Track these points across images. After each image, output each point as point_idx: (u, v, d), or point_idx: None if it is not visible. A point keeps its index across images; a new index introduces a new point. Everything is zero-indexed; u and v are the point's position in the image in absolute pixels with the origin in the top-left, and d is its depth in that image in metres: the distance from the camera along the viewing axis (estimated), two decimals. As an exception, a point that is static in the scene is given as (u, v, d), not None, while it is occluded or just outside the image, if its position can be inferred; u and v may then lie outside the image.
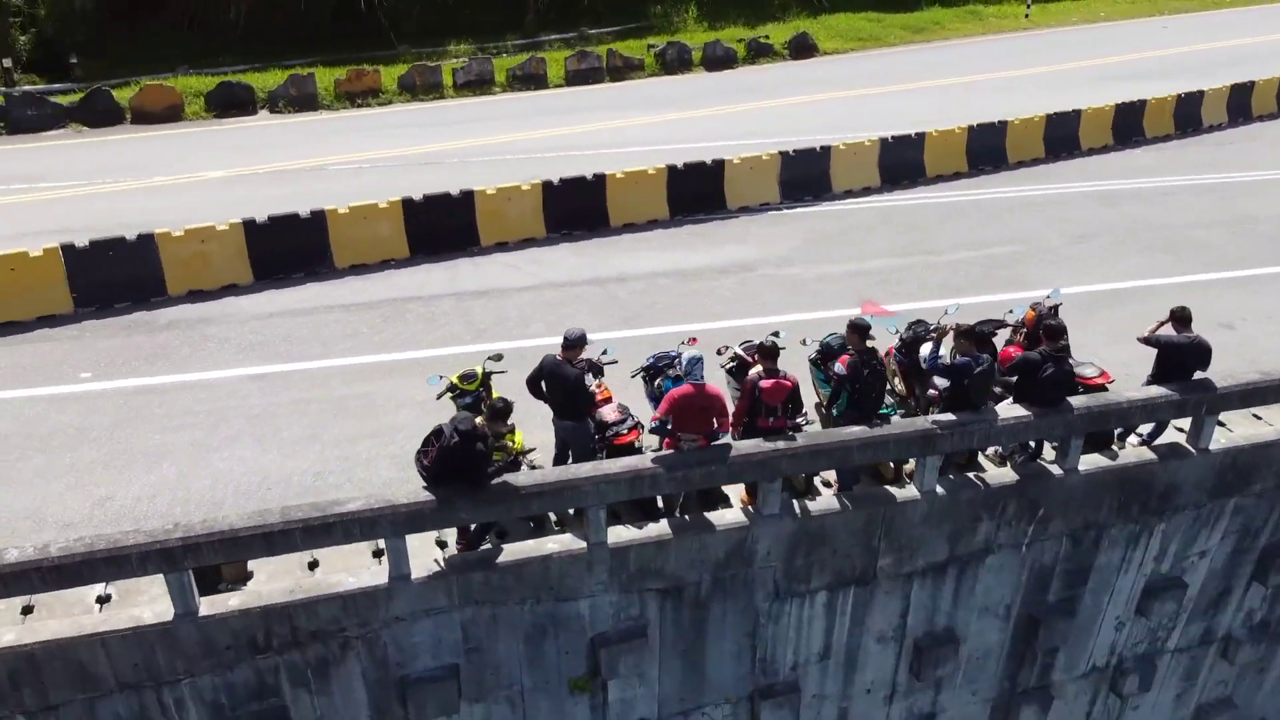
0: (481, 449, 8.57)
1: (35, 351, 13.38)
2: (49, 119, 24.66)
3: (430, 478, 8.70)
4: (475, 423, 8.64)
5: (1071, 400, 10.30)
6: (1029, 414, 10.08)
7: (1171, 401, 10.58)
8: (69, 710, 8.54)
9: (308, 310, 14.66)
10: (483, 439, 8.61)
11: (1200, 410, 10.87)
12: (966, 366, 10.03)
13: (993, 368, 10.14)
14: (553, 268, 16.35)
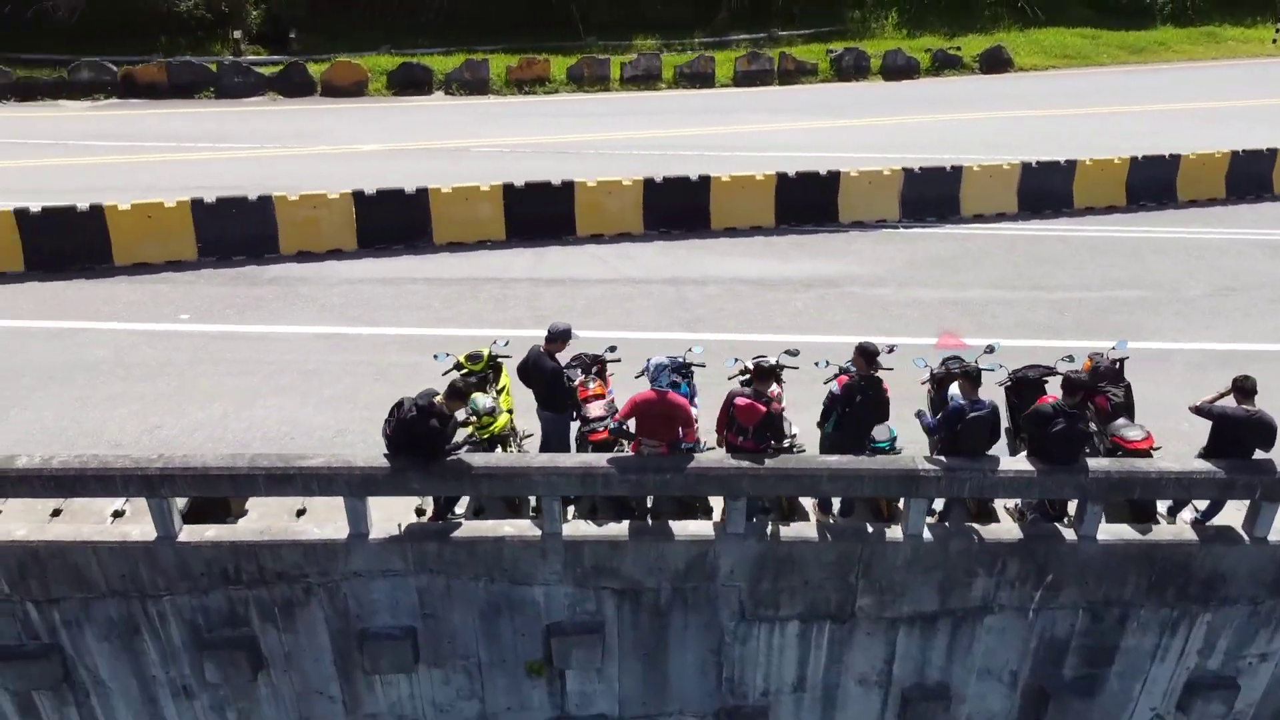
0: (436, 425, 8.91)
1: (153, 291, 15.04)
2: (252, 87, 27.40)
3: (390, 446, 9.14)
4: (434, 400, 9.00)
5: (1091, 462, 9.40)
6: (1032, 469, 9.29)
7: (1215, 480, 9.41)
8: (68, 605, 9.65)
9: (393, 280, 15.60)
10: (439, 416, 8.94)
11: (1254, 494, 9.60)
12: (957, 412, 9.39)
13: (994, 415, 9.41)
14: (637, 264, 16.51)
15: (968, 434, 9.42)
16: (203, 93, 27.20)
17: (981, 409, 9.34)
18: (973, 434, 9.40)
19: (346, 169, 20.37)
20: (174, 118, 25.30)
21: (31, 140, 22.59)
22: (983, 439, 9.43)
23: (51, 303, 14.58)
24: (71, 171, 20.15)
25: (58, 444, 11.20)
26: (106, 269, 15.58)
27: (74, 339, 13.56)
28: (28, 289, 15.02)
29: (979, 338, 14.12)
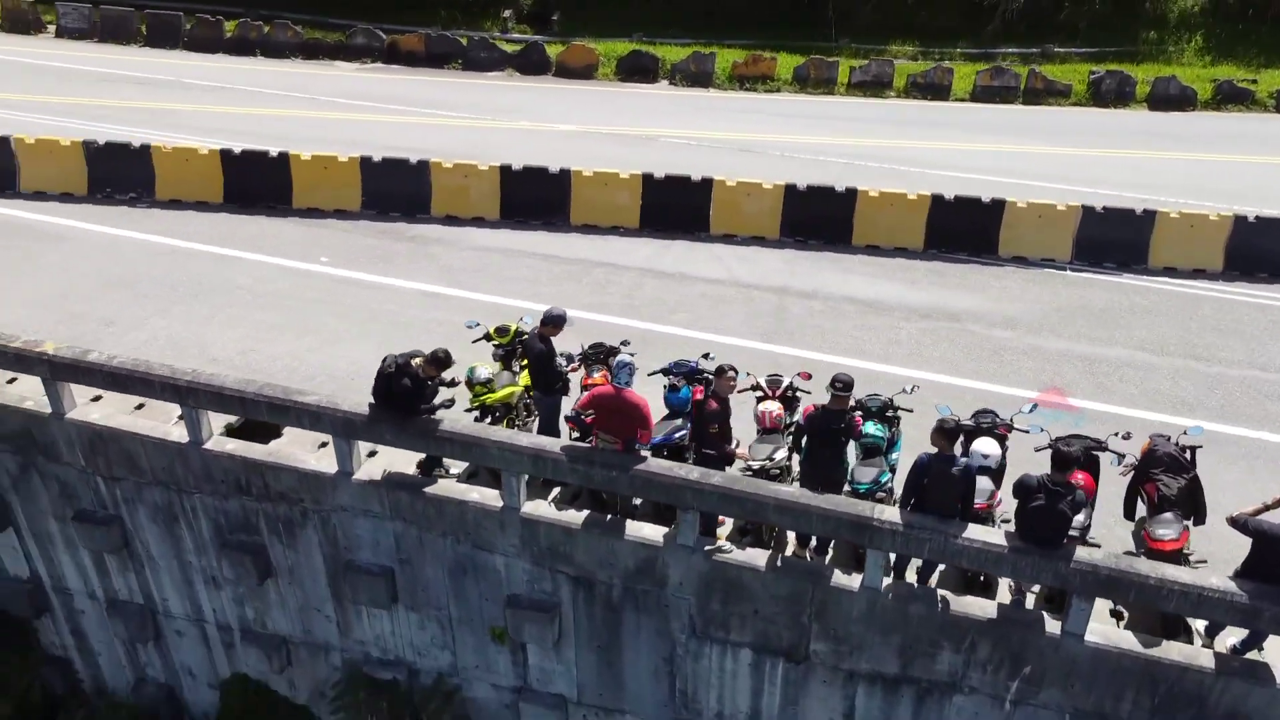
0: (407, 385, 9.49)
1: (310, 234, 16.87)
2: (495, 62, 29.49)
3: (374, 397, 9.84)
4: (413, 361, 9.57)
5: (1082, 550, 8.30)
6: (1003, 544, 8.35)
7: (1233, 603, 8.00)
8: (126, 485, 11.26)
9: (514, 251, 16.43)
10: (412, 377, 9.51)
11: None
12: (923, 465, 8.60)
13: (966, 475, 8.53)
14: (753, 268, 16.24)
15: (934, 491, 8.63)
16: (452, 64, 29.68)
17: (953, 466, 8.52)
18: (939, 492, 8.60)
19: (533, 144, 21.55)
20: (417, 84, 27.83)
21: (294, 93, 25.77)
22: (950, 499, 8.59)
23: (226, 231, 16.79)
24: (312, 123, 22.83)
25: (172, 350, 13.00)
26: (284, 209, 17.66)
27: (228, 265, 15.58)
28: (219, 218, 17.38)
29: (1093, 401, 12.74)
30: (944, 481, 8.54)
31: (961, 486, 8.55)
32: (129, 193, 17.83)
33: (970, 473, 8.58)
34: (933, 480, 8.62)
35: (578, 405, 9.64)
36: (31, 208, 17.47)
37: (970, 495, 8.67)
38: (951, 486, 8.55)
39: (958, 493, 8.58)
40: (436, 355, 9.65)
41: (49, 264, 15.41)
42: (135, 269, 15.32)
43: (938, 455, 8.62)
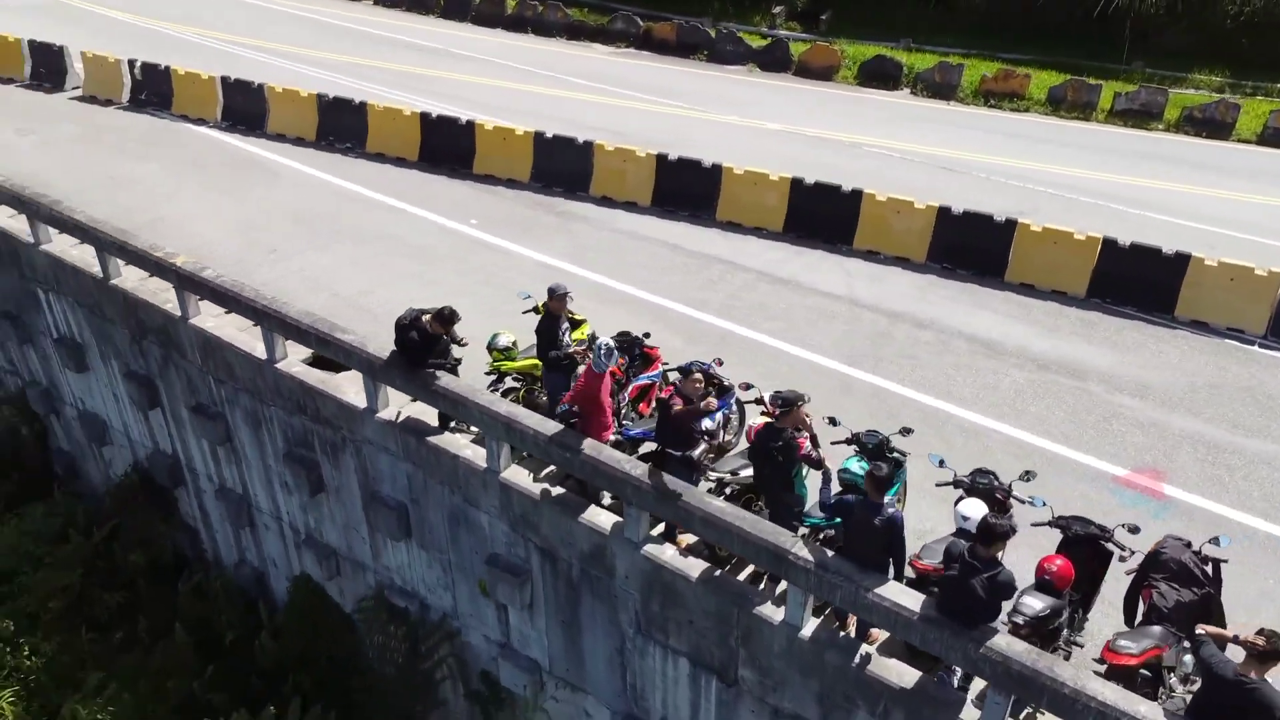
0: (415, 338, 10.25)
1: (474, 198, 18.21)
2: (738, 56, 29.65)
3: (395, 344, 10.69)
4: (422, 318, 10.31)
5: (1000, 639, 7.45)
6: (913, 609, 7.68)
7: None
8: (228, 387, 13.04)
9: (650, 239, 16.76)
10: (420, 331, 10.25)
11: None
12: (845, 506, 8.06)
13: (888, 526, 7.89)
14: (877, 288, 15.44)
15: (855, 537, 8.09)
16: (698, 55, 30.19)
17: (877, 515, 7.92)
18: (860, 539, 8.04)
19: (729, 138, 21.70)
20: (653, 71, 28.67)
21: (540, 70, 27.52)
22: (872, 548, 8.00)
23: (407, 186, 18.52)
24: (539, 99, 24.38)
25: (307, 282, 14.75)
26: (465, 173, 19.16)
27: (394, 216, 17.27)
28: (408, 174, 19.24)
29: (1195, 495, 11.12)
30: (865, 530, 7.99)
31: (883, 538, 7.95)
32: (346, 143, 20.17)
33: (894, 525, 7.94)
34: (854, 526, 8.10)
35: (567, 397, 9.93)
36: (268, 147, 20.28)
37: (897, 548, 8.03)
38: (872, 536, 7.97)
39: (879, 544, 7.98)
40: (442, 313, 10.32)
41: (258, 195, 17.90)
42: (319, 209, 17.41)
43: (863, 501, 8.08)
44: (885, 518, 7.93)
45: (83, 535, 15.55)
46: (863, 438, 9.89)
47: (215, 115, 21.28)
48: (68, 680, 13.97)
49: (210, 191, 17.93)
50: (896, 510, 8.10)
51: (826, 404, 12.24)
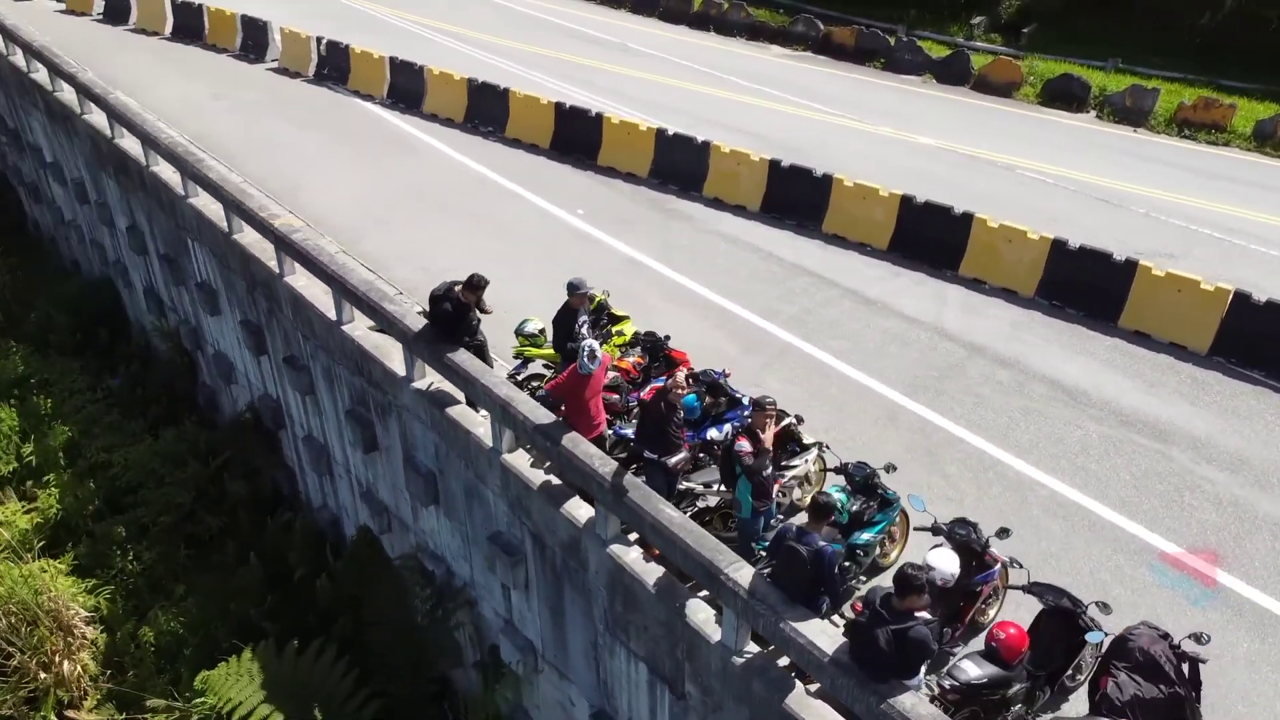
0: (448, 309, 10.72)
1: (589, 188, 18.62)
2: (915, 66, 28.40)
3: (429, 317, 11.21)
4: (452, 289, 10.77)
5: (905, 700, 7.00)
6: (824, 652, 7.34)
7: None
8: (310, 343, 14.09)
9: (747, 244, 16.55)
10: (453, 302, 10.70)
11: None
12: (778, 536, 7.80)
13: (818, 560, 7.55)
14: (969, 319, 14.52)
15: (783, 566, 7.80)
16: (874, 62, 29.16)
17: (808, 543, 7.61)
18: (787, 568, 7.75)
19: (874, 151, 21.01)
20: (820, 76, 27.99)
21: (708, 69, 27.52)
22: (798, 579, 7.69)
23: (530, 172, 19.17)
24: (694, 97, 24.48)
25: (400, 253, 15.71)
26: (591, 164, 19.57)
27: (507, 199, 18.01)
28: (536, 160, 19.92)
29: (1257, 589, 9.89)
30: (792, 559, 7.69)
31: (810, 570, 7.62)
32: (489, 127, 21.11)
33: (824, 560, 7.60)
34: (782, 555, 7.81)
35: (547, 386, 10.12)
36: (419, 126, 21.56)
37: (827, 583, 7.68)
38: (798, 567, 7.66)
39: (805, 575, 7.66)
40: (471, 280, 10.75)
41: (392, 169, 19.11)
42: (439, 187, 18.38)
43: (797, 531, 7.78)
44: (814, 550, 7.60)
45: (200, 462, 17.25)
46: (850, 469, 9.49)
47: (382, 93, 22.85)
48: (160, 588, 15.61)
49: (352, 162, 19.32)
50: (828, 545, 7.74)
51: (865, 432, 11.87)
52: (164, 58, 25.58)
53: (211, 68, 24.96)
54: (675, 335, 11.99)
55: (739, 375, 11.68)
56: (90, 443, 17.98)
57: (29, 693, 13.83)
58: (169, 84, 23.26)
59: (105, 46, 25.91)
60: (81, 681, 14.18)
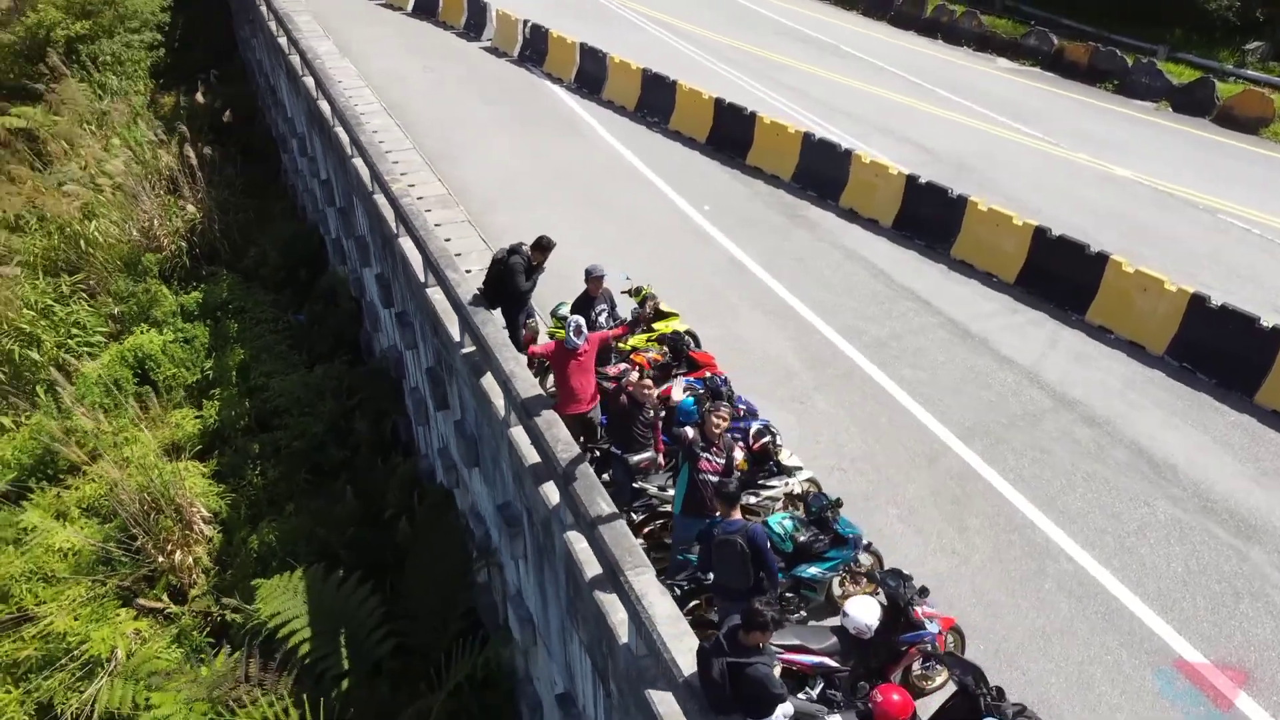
0: (500, 269, 11.31)
1: (729, 187, 18.55)
2: (1151, 91, 25.55)
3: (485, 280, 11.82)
4: (512, 252, 11.36)
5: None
6: (680, 672, 7.17)
7: None
8: (411, 303, 15.15)
9: (864, 260, 15.89)
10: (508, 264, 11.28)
11: None
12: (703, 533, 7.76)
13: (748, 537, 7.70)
14: (1077, 368, 13.17)
15: (720, 562, 7.74)
16: (1105, 83, 26.45)
17: (731, 530, 7.50)
18: (725, 561, 7.69)
19: (1053, 179, 19.40)
20: (1036, 93, 25.86)
21: (917, 79, 26.28)
22: (739, 569, 7.63)
23: (673, 164, 19.37)
24: (887, 107, 23.61)
25: (523, 230, 16.37)
26: (739, 161, 19.48)
27: (642, 187, 18.41)
28: (687, 153, 20.11)
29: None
30: (726, 550, 7.75)
31: (749, 553, 7.61)
32: (655, 117, 21.49)
33: (754, 539, 7.55)
34: (717, 550, 7.81)
35: (531, 350, 10.37)
36: (593, 111, 22.31)
37: (760, 562, 7.69)
38: (735, 555, 7.70)
39: (744, 560, 7.65)
40: (540, 241, 11.26)
41: (549, 148, 19.98)
42: (587, 171, 19.00)
43: (721, 522, 7.75)
44: (745, 531, 7.58)
45: (337, 399, 18.98)
46: (809, 498, 9.06)
47: (570, 77, 23.83)
48: (275, 504, 17.39)
49: (517, 140, 20.35)
50: (755, 523, 7.65)
51: (893, 468, 11.31)
52: (399, 30, 28.04)
53: (434, 43, 27.06)
54: (746, 341, 12.12)
55: (790, 389, 11.50)
56: (258, 367, 20.26)
57: (148, 571, 15.94)
58: (390, 56, 25.51)
59: (355, 18, 28.79)
60: (192, 572, 16.14)
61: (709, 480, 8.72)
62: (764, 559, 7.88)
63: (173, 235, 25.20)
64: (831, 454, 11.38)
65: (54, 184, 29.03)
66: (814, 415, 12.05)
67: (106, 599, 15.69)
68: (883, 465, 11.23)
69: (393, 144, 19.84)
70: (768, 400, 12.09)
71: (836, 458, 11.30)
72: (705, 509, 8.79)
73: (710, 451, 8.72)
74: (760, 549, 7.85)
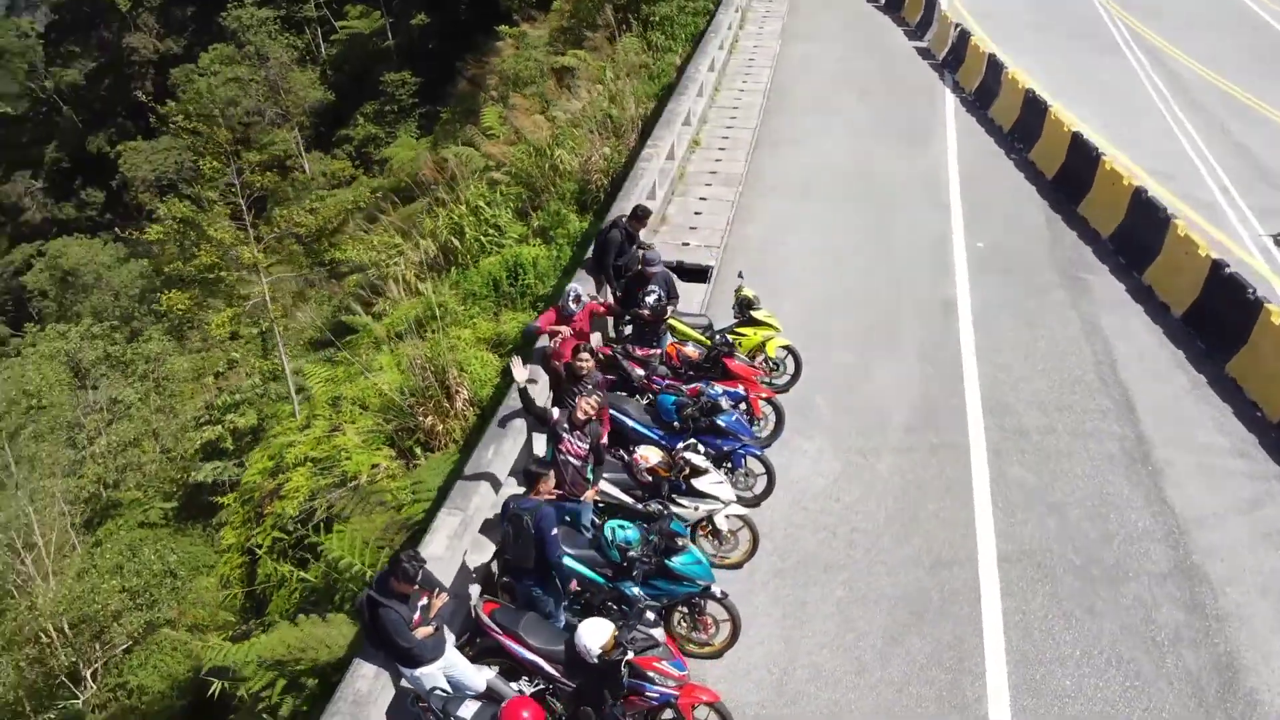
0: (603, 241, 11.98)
1: (1026, 232, 16.32)
2: None
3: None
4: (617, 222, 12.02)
5: (361, 682, 7.25)
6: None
7: None
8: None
9: (1100, 335, 13.27)
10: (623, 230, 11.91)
11: None
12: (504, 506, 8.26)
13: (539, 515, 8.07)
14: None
15: (512, 534, 8.32)
16: None
17: (524, 507, 8.05)
18: (515, 535, 8.27)
19: None
20: None
21: None
22: (522, 545, 8.22)
23: (989, 191, 17.42)
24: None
25: (783, 219, 16.43)
26: (1069, 209, 16.84)
27: (929, 207, 16.95)
28: (1021, 187, 17.86)
29: None
30: (518, 526, 8.24)
31: (527, 533, 8.16)
32: (1021, 144, 19.25)
33: (540, 521, 8.07)
34: (511, 524, 8.37)
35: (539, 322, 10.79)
36: (963, 121, 20.66)
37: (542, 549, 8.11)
38: (524, 532, 8.19)
39: (530, 539, 8.16)
40: (635, 210, 11.90)
41: (873, 154, 19.17)
42: (886, 180, 17.96)
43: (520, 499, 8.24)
44: (534, 511, 8.07)
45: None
46: (659, 522, 8.58)
47: (972, 88, 22.14)
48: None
49: (853, 141, 19.73)
50: (547, 507, 8.08)
51: (884, 571, 9.87)
52: (851, 19, 28.20)
53: (869, 36, 26.75)
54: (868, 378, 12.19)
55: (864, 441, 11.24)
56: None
57: (412, 425, 19.52)
58: (817, 41, 26.02)
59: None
60: (444, 440, 19.39)
61: (570, 462, 8.84)
62: (543, 544, 7.99)
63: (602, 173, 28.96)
64: (835, 517, 10.30)
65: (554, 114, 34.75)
66: (860, 473, 10.88)
67: (378, 435, 19.63)
68: (877, 555, 9.89)
69: (740, 120, 20.71)
70: (831, 442, 11.24)
71: (835, 522, 10.23)
72: (564, 489, 8.91)
73: (574, 434, 8.79)
74: (542, 533, 7.95)
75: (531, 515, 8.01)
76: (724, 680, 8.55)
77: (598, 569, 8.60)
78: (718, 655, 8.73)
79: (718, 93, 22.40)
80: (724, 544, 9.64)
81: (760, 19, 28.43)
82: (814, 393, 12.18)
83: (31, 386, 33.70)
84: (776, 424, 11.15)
